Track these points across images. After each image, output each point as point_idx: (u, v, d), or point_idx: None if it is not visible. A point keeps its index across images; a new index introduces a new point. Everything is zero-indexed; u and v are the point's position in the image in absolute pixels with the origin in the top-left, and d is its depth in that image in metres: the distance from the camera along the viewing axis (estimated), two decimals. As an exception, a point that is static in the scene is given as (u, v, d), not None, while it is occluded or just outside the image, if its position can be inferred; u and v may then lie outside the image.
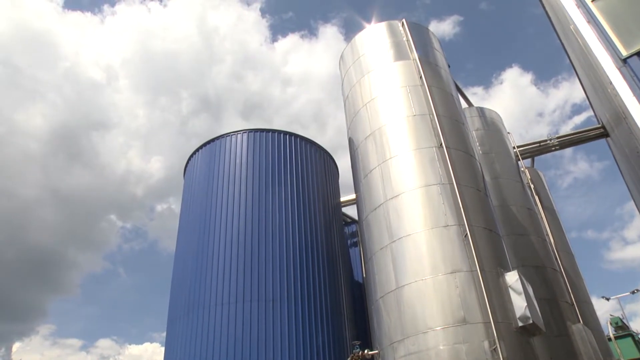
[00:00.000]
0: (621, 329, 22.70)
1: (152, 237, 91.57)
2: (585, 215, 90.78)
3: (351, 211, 21.24)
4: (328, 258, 16.02)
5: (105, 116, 66.08)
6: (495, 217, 11.72)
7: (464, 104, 18.85)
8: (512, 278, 9.95)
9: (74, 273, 75.11)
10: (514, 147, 18.50)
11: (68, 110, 62.29)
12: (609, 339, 18.32)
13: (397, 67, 13.94)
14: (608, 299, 27.88)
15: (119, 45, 68.93)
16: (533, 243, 15.20)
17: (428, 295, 9.82)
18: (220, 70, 78.47)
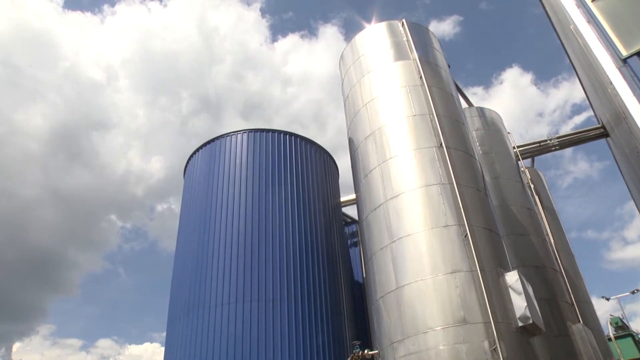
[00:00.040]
0: (621, 329, 22.71)
1: (152, 237, 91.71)
2: (585, 215, 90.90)
3: (351, 211, 21.27)
4: (328, 258, 16.02)
5: (105, 116, 66.15)
6: (495, 217, 11.72)
7: (464, 104, 18.85)
8: (512, 278, 9.96)
9: (74, 273, 75.22)
10: (514, 147, 18.50)
11: (68, 110, 62.36)
12: (609, 339, 18.34)
13: (397, 67, 13.94)
14: (608, 299, 27.93)
15: (119, 45, 69.02)
16: (533, 243, 15.20)
17: (428, 295, 9.82)
18: (220, 70, 78.56)
